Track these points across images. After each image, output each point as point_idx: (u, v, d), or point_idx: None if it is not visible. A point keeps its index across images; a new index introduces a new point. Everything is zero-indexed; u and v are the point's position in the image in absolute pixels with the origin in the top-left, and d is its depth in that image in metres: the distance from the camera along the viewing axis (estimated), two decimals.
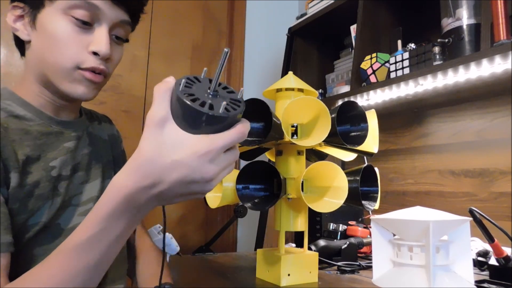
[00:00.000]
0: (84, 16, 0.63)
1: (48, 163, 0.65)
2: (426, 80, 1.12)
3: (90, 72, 0.65)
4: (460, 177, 1.29)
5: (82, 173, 0.72)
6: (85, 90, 0.66)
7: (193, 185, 0.43)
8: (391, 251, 0.73)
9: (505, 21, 0.94)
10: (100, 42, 0.65)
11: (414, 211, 0.71)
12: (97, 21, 0.65)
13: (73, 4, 0.62)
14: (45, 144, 0.66)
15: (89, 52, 0.65)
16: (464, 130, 1.29)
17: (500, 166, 1.18)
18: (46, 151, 0.66)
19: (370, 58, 1.29)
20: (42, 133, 0.66)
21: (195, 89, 0.43)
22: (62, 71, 0.64)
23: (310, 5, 1.69)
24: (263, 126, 0.77)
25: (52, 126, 0.68)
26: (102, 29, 0.65)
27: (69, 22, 0.63)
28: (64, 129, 0.70)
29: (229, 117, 0.42)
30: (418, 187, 1.43)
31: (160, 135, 0.42)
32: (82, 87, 0.66)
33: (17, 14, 0.67)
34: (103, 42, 0.65)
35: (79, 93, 0.66)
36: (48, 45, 0.64)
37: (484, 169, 1.23)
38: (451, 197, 1.32)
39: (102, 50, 0.64)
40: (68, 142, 0.70)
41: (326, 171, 0.74)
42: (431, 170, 1.39)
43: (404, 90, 1.24)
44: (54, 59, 0.64)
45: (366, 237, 1.08)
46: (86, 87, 0.66)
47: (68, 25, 0.63)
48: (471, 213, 0.79)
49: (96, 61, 0.65)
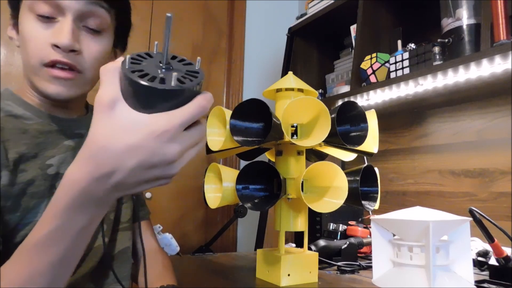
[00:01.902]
0: (44, 9, 0.61)
1: (45, 161, 0.65)
2: (426, 80, 1.12)
3: (55, 69, 0.62)
4: (460, 177, 1.29)
5: None
6: (57, 89, 0.63)
7: (154, 170, 0.39)
8: (391, 251, 0.73)
9: (505, 21, 0.94)
10: (59, 33, 0.61)
11: (414, 211, 0.71)
12: (60, 14, 0.62)
13: (34, 1, 0.61)
14: (44, 142, 0.66)
15: (51, 46, 0.61)
16: (464, 130, 1.29)
17: (500, 166, 1.18)
18: (44, 149, 0.65)
19: (370, 58, 1.29)
20: (41, 131, 0.66)
21: (146, 65, 0.39)
22: (31, 69, 0.63)
23: (310, 5, 1.69)
24: (263, 126, 0.77)
25: (52, 125, 0.68)
26: (64, 20, 0.62)
27: (33, 19, 0.62)
28: (65, 127, 0.70)
29: (184, 89, 0.37)
30: (418, 187, 1.43)
31: (111, 118, 0.38)
32: (52, 85, 0.63)
33: (11, 23, 0.67)
34: (62, 33, 0.61)
35: (51, 92, 0.63)
36: (21, 46, 0.64)
37: (484, 169, 1.23)
38: (451, 197, 1.32)
39: (60, 41, 0.60)
40: (69, 140, 0.70)
41: (326, 171, 0.74)
42: (431, 170, 1.39)
43: (404, 90, 1.24)
44: (25, 58, 0.63)
45: (366, 237, 1.08)
46: (57, 85, 0.63)
47: (32, 22, 0.62)
48: (471, 213, 0.79)
49: (59, 55, 0.61)
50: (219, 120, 0.79)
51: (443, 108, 1.37)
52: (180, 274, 0.76)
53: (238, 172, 0.75)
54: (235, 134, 0.72)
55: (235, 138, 0.72)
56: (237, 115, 0.73)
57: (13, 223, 0.60)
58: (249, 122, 0.75)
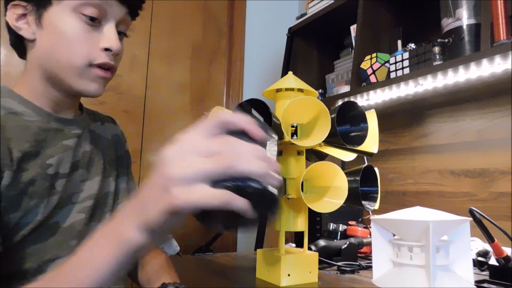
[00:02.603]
0: (93, 13, 0.64)
1: (45, 160, 0.65)
2: (426, 80, 1.12)
3: (101, 69, 0.67)
4: (460, 177, 1.29)
5: (83, 171, 0.72)
6: (97, 87, 0.68)
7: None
8: (391, 251, 0.73)
9: (505, 21, 0.94)
10: (111, 38, 0.66)
11: (414, 211, 0.71)
12: (104, 18, 0.66)
13: (82, 2, 0.63)
14: (44, 140, 0.66)
15: (101, 49, 0.66)
16: (464, 130, 1.29)
17: (500, 166, 1.18)
18: (45, 147, 0.65)
19: (370, 58, 1.29)
20: (42, 129, 0.66)
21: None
22: (75, 69, 0.65)
23: (310, 5, 1.69)
24: None
25: (51, 123, 0.68)
26: (110, 26, 0.67)
27: (79, 20, 0.64)
28: (63, 127, 0.70)
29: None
30: (418, 187, 1.43)
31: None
32: (95, 84, 0.67)
33: (19, 13, 0.66)
34: (114, 38, 0.66)
35: (92, 90, 0.67)
36: (58, 44, 0.64)
37: (484, 169, 1.23)
38: (451, 197, 1.32)
39: (113, 46, 0.66)
40: (67, 139, 0.70)
41: (326, 171, 0.74)
42: (431, 170, 1.39)
43: (404, 90, 1.24)
44: (66, 58, 0.64)
45: (366, 237, 1.08)
46: (99, 84, 0.68)
47: (78, 23, 0.64)
48: (471, 213, 0.79)
49: (107, 57, 0.66)
50: None
51: (443, 108, 1.37)
52: (180, 274, 0.76)
53: None
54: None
55: None
56: None
57: (13, 222, 0.59)
58: None
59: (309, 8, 1.69)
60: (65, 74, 0.65)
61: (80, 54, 0.64)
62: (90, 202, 0.72)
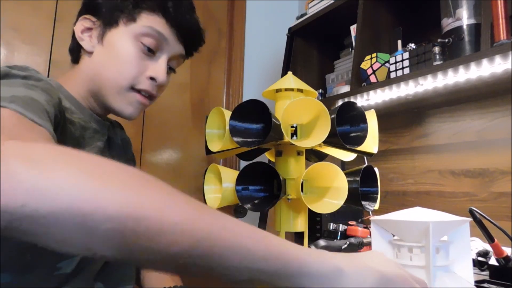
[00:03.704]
0: (151, 44, 0.68)
1: None
2: (426, 80, 1.12)
3: (141, 96, 0.70)
4: (460, 177, 1.29)
5: None
6: (134, 111, 0.71)
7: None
8: (391, 252, 0.73)
9: (505, 21, 0.94)
10: (160, 70, 0.70)
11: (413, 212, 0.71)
12: (160, 51, 0.70)
13: (145, 32, 0.68)
14: (83, 137, 0.68)
15: (147, 77, 0.69)
16: (464, 130, 1.29)
17: (500, 166, 1.18)
18: (82, 144, 0.68)
19: (370, 58, 1.29)
20: (83, 126, 0.69)
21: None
22: (117, 88, 0.68)
23: (310, 5, 1.69)
24: (262, 126, 0.77)
25: (92, 123, 0.71)
26: (163, 59, 0.71)
27: (137, 47, 0.68)
28: (99, 128, 0.73)
29: None
30: (418, 187, 1.43)
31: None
32: (131, 107, 0.70)
33: (86, 26, 0.71)
34: (162, 70, 0.70)
35: (127, 113, 0.71)
36: (111, 62, 0.68)
37: (484, 169, 1.23)
38: (451, 197, 1.31)
39: (159, 77, 0.70)
40: (99, 141, 0.73)
41: (325, 172, 0.74)
42: (431, 170, 1.39)
43: (404, 90, 1.23)
44: (113, 76, 0.68)
45: (366, 237, 1.08)
46: (135, 109, 0.71)
47: (135, 49, 0.68)
48: (471, 213, 0.79)
49: (151, 86, 0.70)
50: (218, 121, 0.79)
51: (443, 108, 1.37)
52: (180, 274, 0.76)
53: (238, 172, 0.75)
54: (234, 135, 0.72)
55: (235, 139, 0.72)
56: (236, 116, 0.73)
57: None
58: (249, 123, 0.75)
59: (309, 8, 1.69)
60: (107, 91, 0.69)
61: (127, 76, 0.68)
62: None
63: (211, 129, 0.80)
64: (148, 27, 0.68)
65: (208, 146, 0.79)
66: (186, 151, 1.89)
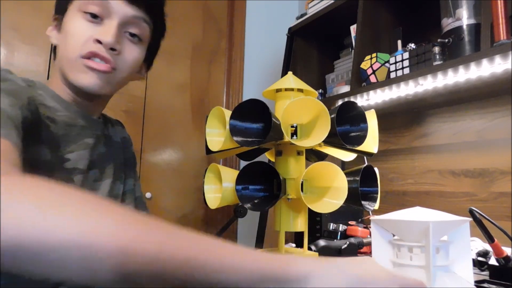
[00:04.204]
0: (94, 10, 0.66)
1: (64, 154, 0.67)
2: (426, 80, 1.12)
3: (90, 60, 0.66)
4: (460, 177, 1.29)
5: (96, 171, 0.74)
6: (90, 79, 0.67)
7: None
8: (391, 252, 0.73)
9: (505, 21, 0.94)
10: (105, 31, 0.66)
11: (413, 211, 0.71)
12: (107, 16, 0.68)
13: (85, 1, 0.66)
14: (68, 135, 0.68)
15: (93, 41, 0.66)
16: (464, 130, 1.29)
17: (500, 166, 1.18)
18: (67, 142, 0.67)
19: (370, 58, 1.29)
20: (68, 124, 0.68)
21: None
22: (69, 61, 0.67)
23: (310, 5, 1.69)
24: (262, 126, 0.77)
25: (78, 120, 0.71)
26: (111, 22, 0.67)
27: (81, 18, 0.67)
28: (88, 125, 0.73)
29: None
30: (418, 187, 1.43)
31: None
32: (86, 75, 0.66)
33: (53, 25, 0.73)
34: (108, 32, 0.66)
35: (84, 83, 0.67)
36: (64, 42, 0.68)
37: (484, 169, 1.23)
38: (451, 197, 1.31)
39: (105, 38, 0.66)
40: (89, 138, 0.72)
41: (325, 172, 0.74)
42: (431, 170, 1.39)
43: (404, 90, 1.23)
44: (65, 52, 0.68)
45: (366, 237, 1.08)
46: (91, 76, 0.67)
47: (80, 21, 0.67)
48: (471, 213, 0.79)
49: (100, 49, 0.66)
50: (219, 121, 0.79)
51: (443, 108, 1.37)
52: None
53: (238, 172, 0.75)
54: (234, 134, 0.72)
55: (235, 138, 0.72)
56: (236, 116, 0.73)
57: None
58: (249, 123, 0.75)
59: (309, 8, 1.69)
60: (64, 69, 0.68)
61: (74, 47, 0.66)
62: None
63: (211, 128, 0.80)
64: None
65: (208, 145, 0.79)
66: (186, 151, 1.89)
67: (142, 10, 0.70)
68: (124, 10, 0.68)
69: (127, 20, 0.69)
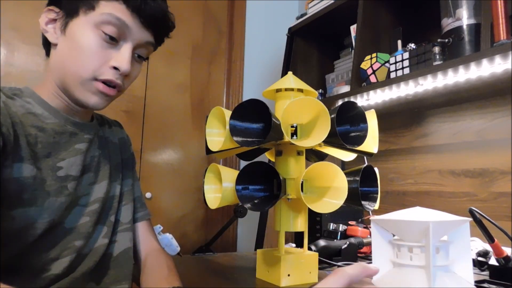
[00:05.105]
0: (112, 32, 0.66)
1: (56, 163, 0.66)
2: (426, 80, 1.12)
3: (104, 85, 0.67)
4: (460, 177, 1.29)
5: (91, 174, 0.74)
6: (98, 101, 0.69)
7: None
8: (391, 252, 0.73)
9: (505, 21, 0.94)
10: (122, 59, 0.67)
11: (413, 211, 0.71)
12: (123, 39, 0.68)
13: (105, 20, 0.65)
14: (58, 143, 0.68)
15: (110, 67, 0.67)
16: (464, 130, 1.29)
17: (500, 166, 1.18)
18: (57, 150, 0.67)
19: (370, 58, 1.29)
20: (57, 131, 0.68)
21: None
22: (80, 80, 0.66)
23: (310, 5, 1.69)
24: (262, 126, 0.77)
25: (67, 126, 0.70)
26: (126, 47, 0.68)
27: (98, 36, 0.66)
28: (78, 131, 0.72)
29: None
30: (418, 187, 1.43)
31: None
32: (95, 97, 0.68)
33: (50, 17, 0.69)
34: (125, 60, 0.67)
35: (91, 103, 0.68)
36: (72, 53, 0.67)
37: (484, 169, 1.23)
38: (451, 197, 1.31)
39: (122, 66, 0.67)
40: (80, 143, 0.72)
41: (325, 172, 0.74)
42: (431, 170, 1.39)
43: (404, 90, 1.23)
44: (75, 68, 0.66)
45: (366, 237, 1.08)
46: (99, 98, 0.69)
47: (96, 39, 0.66)
48: (471, 213, 0.79)
49: (115, 76, 0.68)
50: (219, 121, 0.79)
51: (443, 108, 1.37)
52: (180, 274, 0.76)
53: (238, 172, 0.75)
54: (234, 134, 0.72)
55: (235, 138, 0.72)
56: (236, 116, 0.73)
57: (32, 218, 0.61)
58: (249, 123, 0.75)
59: (309, 8, 1.69)
60: (71, 82, 0.67)
61: (88, 67, 0.66)
62: (97, 206, 0.73)
63: (211, 128, 0.80)
64: (108, 14, 0.65)
65: (208, 145, 0.79)
66: (186, 151, 1.89)
67: (152, 35, 0.72)
68: (140, 35, 0.69)
69: (140, 44, 0.70)
